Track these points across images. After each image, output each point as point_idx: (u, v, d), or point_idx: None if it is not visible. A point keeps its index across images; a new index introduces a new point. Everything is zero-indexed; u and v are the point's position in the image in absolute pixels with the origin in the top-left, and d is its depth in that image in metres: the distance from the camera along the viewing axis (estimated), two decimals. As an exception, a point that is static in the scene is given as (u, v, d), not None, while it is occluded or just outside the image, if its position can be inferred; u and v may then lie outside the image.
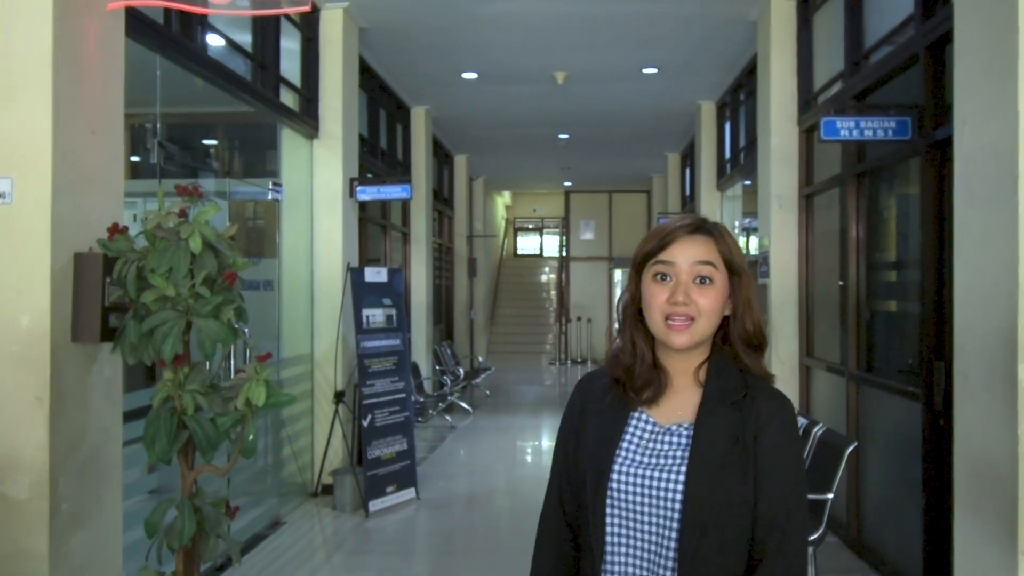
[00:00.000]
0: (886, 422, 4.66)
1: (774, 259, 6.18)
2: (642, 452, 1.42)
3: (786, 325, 6.14)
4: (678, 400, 1.44)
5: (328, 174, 6.41)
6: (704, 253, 1.40)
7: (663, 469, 1.38)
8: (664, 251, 1.41)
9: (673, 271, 1.40)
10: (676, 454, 1.39)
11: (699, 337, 1.40)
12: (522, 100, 9.42)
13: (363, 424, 5.89)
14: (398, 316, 6.31)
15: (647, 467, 1.40)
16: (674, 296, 1.39)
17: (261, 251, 5.51)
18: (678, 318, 1.39)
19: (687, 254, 1.40)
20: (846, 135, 4.02)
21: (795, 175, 6.16)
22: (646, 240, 1.45)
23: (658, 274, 1.41)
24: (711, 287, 1.40)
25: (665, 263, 1.40)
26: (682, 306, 1.38)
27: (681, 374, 1.45)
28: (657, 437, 1.43)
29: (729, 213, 9.50)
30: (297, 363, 6.28)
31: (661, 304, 1.40)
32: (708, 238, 1.42)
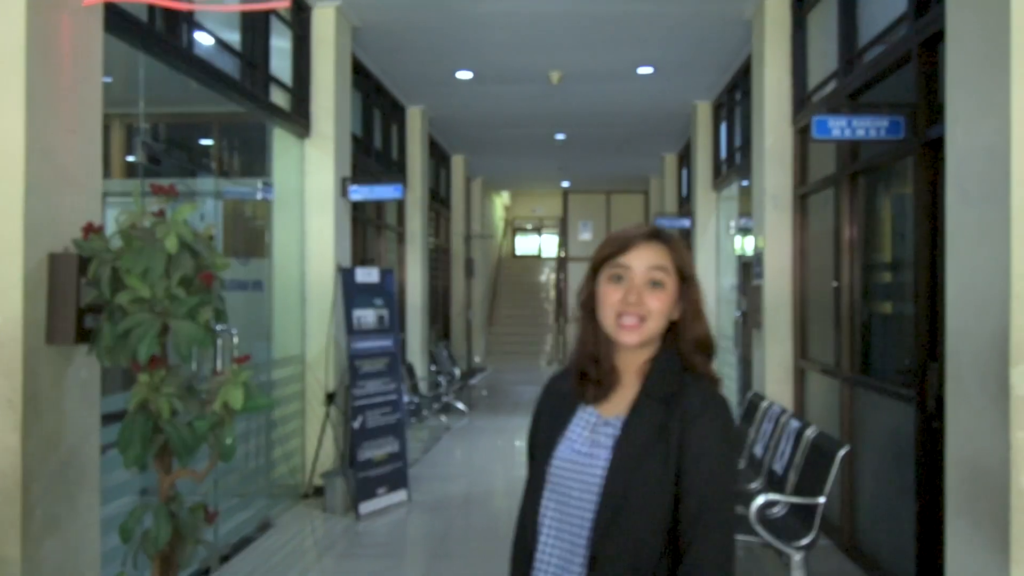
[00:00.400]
0: (880, 425, 4.61)
1: (768, 260, 6.12)
2: (581, 442, 1.52)
3: (780, 327, 6.09)
4: (621, 395, 1.53)
5: (320, 174, 6.36)
6: (658, 259, 1.50)
7: (593, 456, 1.48)
8: (622, 255, 1.50)
9: (628, 274, 1.50)
10: (605, 444, 1.48)
11: (647, 336, 1.49)
12: (517, 100, 9.37)
13: (354, 426, 5.83)
14: (390, 317, 6.26)
15: (582, 454, 1.50)
16: (627, 296, 1.48)
17: (251, 251, 5.46)
18: (629, 317, 1.48)
19: (643, 259, 1.50)
20: (838, 134, 3.97)
21: (789, 175, 6.11)
22: (605, 244, 1.54)
23: (614, 275, 1.51)
24: (662, 291, 1.49)
25: (622, 266, 1.50)
26: (634, 306, 1.48)
27: (628, 372, 1.54)
28: (596, 428, 1.52)
29: (725, 213, 9.45)
30: (288, 364, 6.22)
31: (614, 303, 1.49)
32: (663, 246, 1.52)
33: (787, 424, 4.91)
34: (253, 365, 5.56)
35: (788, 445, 4.73)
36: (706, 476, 1.42)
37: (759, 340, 6.32)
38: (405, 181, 9.73)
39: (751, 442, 5.62)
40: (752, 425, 5.70)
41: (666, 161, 12.99)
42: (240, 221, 5.34)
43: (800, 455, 4.46)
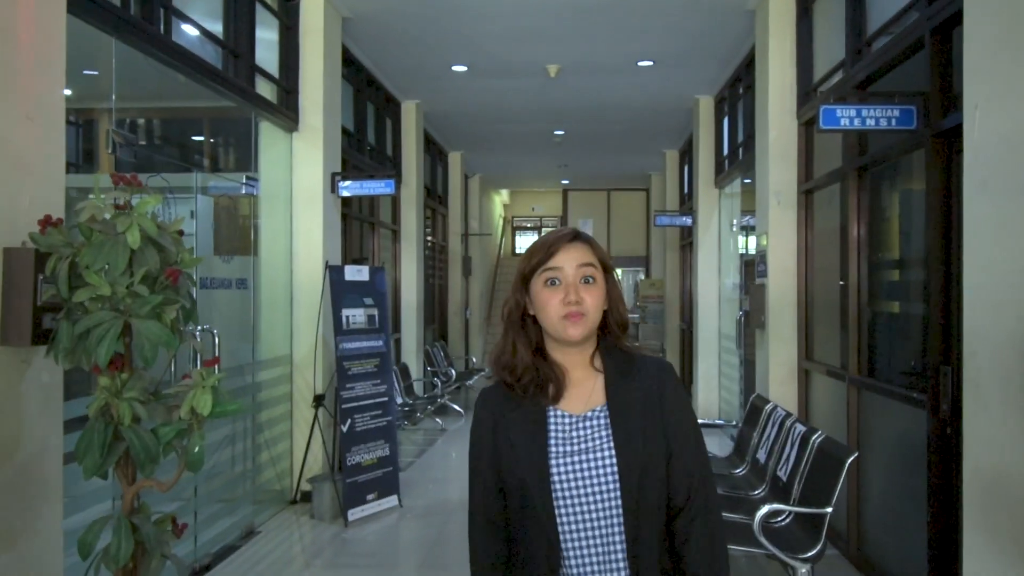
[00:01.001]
0: (889, 430, 4.41)
1: (772, 258, 5.92)
2: (569, 443, 1.57)
3: (784, 327, 5.89)
4: (582, 389, 1.62)
5: (308, 168, 6.17)
6: (585, 257, 1.60)
7: (592, 451, 1.55)
8: (552, 259, 1.58)
9: (561, 275, 1.58)
10: (600, 436, 1.56)
11: (591, 328, 1.59)
12: (515, 94, 9.18)
13: (342, 429, 5.64)
14: (381, 316, 6.06)
15: (578, 455, 1.56)
16: (567, 297, 1.56)
17: (236, 249, 5.27)
18: (573, 316, 1.57)
19: (572, 259, 1.58)
20: (846, 124, 3.77)
21: (794, 170, 5.91)
22: (532, 253, 1.62)
23: (548, 279, 1.58)
24: (595, 285, 1.59)
25: (554, 269, 1.58)
26: (574, 305, 1.56)
27: (577, 366, 1.63)
28: (576, 426, 1.59)
29: (727, 211, 9.25)
30: (275, 365, 6.03)
31: (556, 305, 1.57)
32: (585, 244, 1.61)
33: (792, 428, 4.71)
34: (238, 366, 5.41)
35: (793, 451, 4.53)
36: (690, 437, 1.60)
37: (762, 341, 6.12)
38: (400, 177, 9.54)
39: (754, 446, 5.42)
40: (755, 429, 5.50)
41: (667, 158, 12.79)
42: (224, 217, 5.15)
43: (806, 462, 4.26)
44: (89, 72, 4.17)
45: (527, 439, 1.58)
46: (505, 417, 1.62)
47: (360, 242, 8.53)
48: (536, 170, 16.00)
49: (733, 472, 5.44)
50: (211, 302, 4.94)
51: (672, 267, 12.98)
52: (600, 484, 1.53)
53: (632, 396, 1.58)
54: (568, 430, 1.59)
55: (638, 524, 1.52)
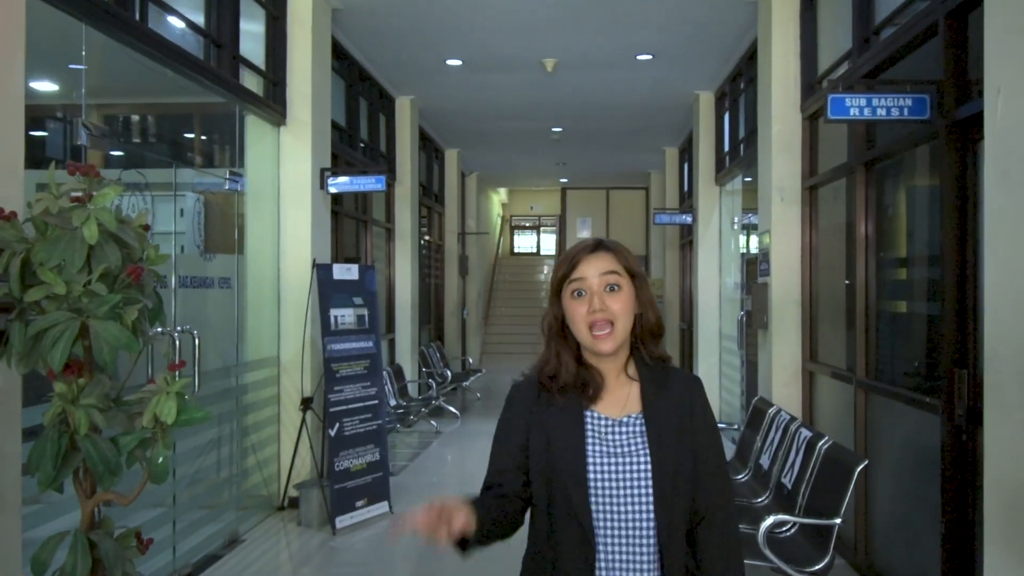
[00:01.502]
0: (899, 435, 4.21)
1: (775, 256, 5.73)
2: (605, 445, 1.63)
3: (787, 327, 5.70)
4: (617, 395, 1.68)
5: (296, 164, 5.97)
6: (608, 265, 1.63)
7: (629, 455, 1.61)
8: (575, 270, 1.63)
9: (586, 285, 1.62)
10: (636, 441, 1.63)
11: (620, 339, 1.63)
12: (511, 89, 8.98)
13: (330, 433, 5.44)
14: (371, 316, 5.87)
15: (615, 456, 1.62)
16: (592, 305, 1.60)
17: (218, 246, 5.07)
18: (600, 325, 1.61)
19: (594, 268, 1.62)
20: (856, 114, 3.58)
21: (797, 165, 5.72)
22: (558, 266, 1.67)
23: (575, 291, 1.63)
24: (620, 292, 1.62)
25: (578, 280, 1.62)
26: (600, 312, 1.60)
27: (612, 373, 1.69)
28: (613, 430, 1.65)
29: (728, 208, 9.06)
30: (262, 367, 5.84)
31: (583, 316, 1.61)
32: (608, 253, 1.65)
33: (797, 433, 4.52)
34: (222, 368, 5.22)
35: (798, 457, 4.34)
36: (713, 441, 1.68)
37: (765, 341, 5.93)
38: (394, 175, 9.35)
39: (756, 451, 5.23)
40: (757, 433, 5.31)
41: (667, 155, 12.61)
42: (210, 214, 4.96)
43: (812, 469, 4.07)
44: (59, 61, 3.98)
45: (565, 437, 1.64)
46: (541, 414, 1.68)
47: (356, 240, 8.34)
48: (534, 168, 15.81)
49: (735, 478, 5.24)
50: (192, 302, 4.75)
51: (672, 266, 12.80)
52: (634, 485, 1.60)
53: (666, 406, 1.65)
54: (604, 433, 1.65)
55: (669, 525, 1.59)
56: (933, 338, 3.80)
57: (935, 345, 3.73)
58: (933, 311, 3.80)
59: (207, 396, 4.88)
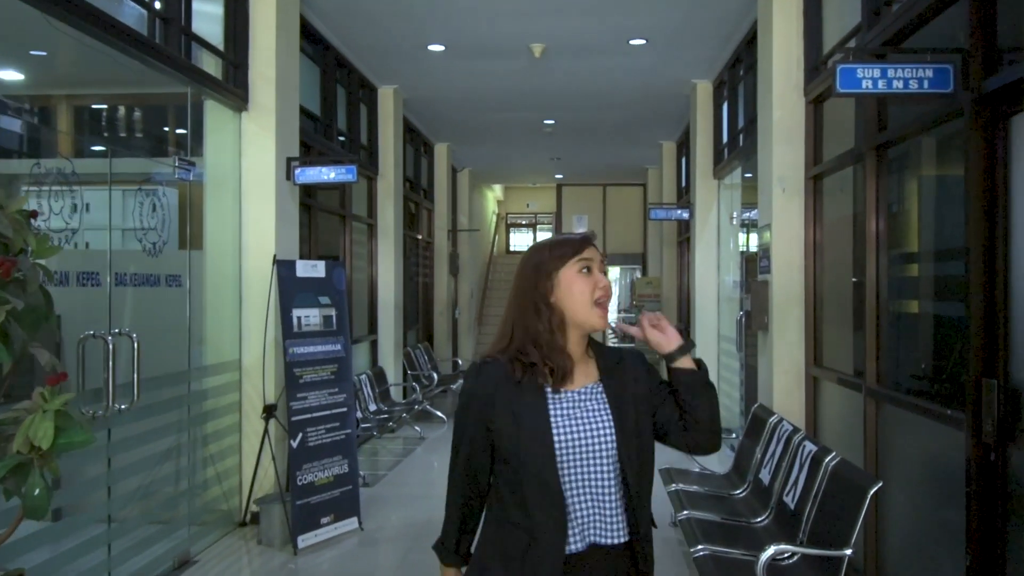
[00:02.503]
0: (917, 452, 3.77)
1: (776, 252, 5.29)
2: (568, 413, 1.77)
3: (789, 329, 5.26)
4: (579, 371, 1.82)
5: (259, 152, 5.53)
6: (600, 254, 1.84)
7: (591, 420, 1.77)
8: (583, 252, 1.80)
9: (592, 264, 1.81)
10: (597, 406, 1.79)
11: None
12: (498, 78, 8.54)
13: (292, 444, 5.01)
14: (339, 317, 5.43)
15: (578, 422, 1.76)
16: (600, 282, 1.80)
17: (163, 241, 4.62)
18: (603, 301, 1.81)
19: (596, 254, 1.82)
20: (868, 87, 3.14)
21: (800, 153, 5.28)
22: (558, 245, 1.82)
23: (583, 268, 1.79)
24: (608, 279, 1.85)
25: (587, 259, 1.80)
26: (604, 290, 1.80)
27: (577, 353, 1.83)
28: (575, 399, 1.79)
29: (726, 203, 8.61)
30: (223, 371, 5.41)
31: (589, 292, 1.78)
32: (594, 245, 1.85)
33: (801, 447, 4.08)
34: (171, 375, 4.78)
35: (802, 474, 3.90)
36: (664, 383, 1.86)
37: (765, 344, 5.49)
38: (376, 168, 8.92)
39: (756, 464, 4.79)
40: (757, 444, 4.87)
41: (664, 150, 12.19)
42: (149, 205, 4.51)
43: (818, 488, 3.63)
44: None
45: (530, 410, 1.75)
46: (505, 391, 1.77)
47: (331, 237, 7.91)
48: (528, 164, 15.37)
49: (732, 494, 4.81)
50: (133, 302, 4.31)
51: (669, 264, 12.36)
52: (599, 446, 1.73)
53: (621, 375, 1.81)
54: (567, 403, 1.77)
55: (635, 482, 1.74)
56: (956, 343, 3.36)
57: (958, 351, 3.29)
58: (955, 312, 3.37)
59: (153, 405, 4.45)
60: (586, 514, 1.72)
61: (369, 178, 8.90)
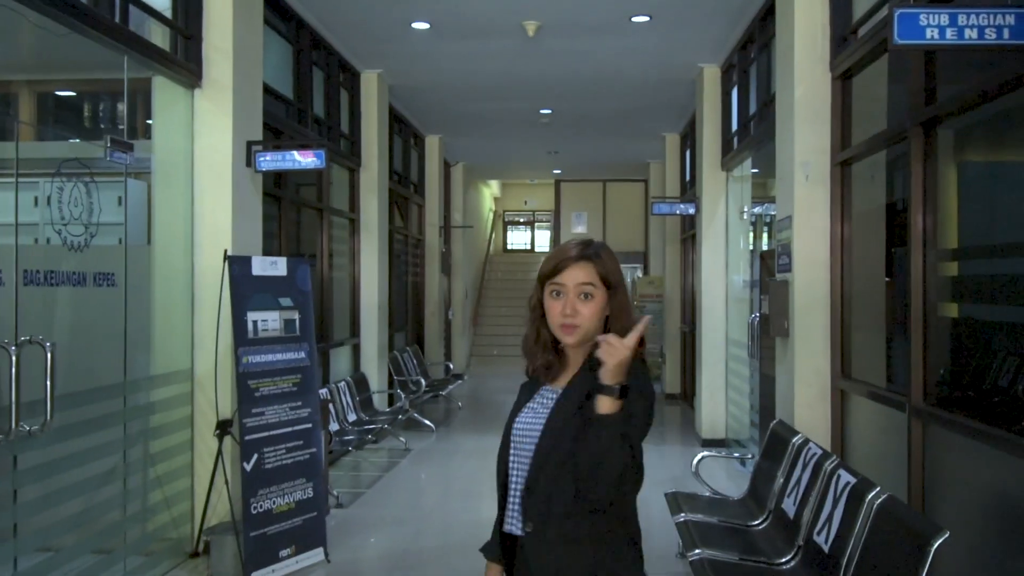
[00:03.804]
0: (979, 486, 3.14)
1: (798, 247, 4.67)
2: (534, 408, 1.91)
3: (813, 335, 4.64)
4: (570, 373, 1.90)
5: (214, 134, 4.91)
6: (586, 276, 1.83)
7: (538, 416, 1.88)
8: (558, 275, 1.85)
9: (564, 290, 1.84)
10: (550, 405, 1.88)
11: (583, 336, 1.84)
12: (489, 60, 7.91)
13: (244, 467, 4.38)
14: (303, 321, 4.80)
15: (531, 417, 1.89)
16: (564, 310, 1.84)
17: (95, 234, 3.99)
18: (567, 326, 1.84)
19: (574, 277, 1.83)
20: (934, 37, 2.51)
21: (826, 135, 4.66)
22: (547, 262, 1.90)
23: (553, 291, 1.86)
24: (591, 301, 1.83)
25: (558, 284, 1.85)
26: (569, 318, 1.83)
27: (576, 358, 1.91)
28: (547, 396, 1.91)
29: (735, 196, 7.99)
30: (172, 382, 4.80)
31: (556, 315, 1.85)
32: (590, 263, 1.84)
33: (835, 477, 3.45)
34: (100, 388, 4.16)
35: (838, 510, 3.28)
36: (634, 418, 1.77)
37: (785, 352, 4.87)
38: (359, 158, 8.29)
39: (778, 492, 4.17)
40: (779, 467, 4.25)
41: (667, 143, 11.55)
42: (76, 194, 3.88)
43: (861, 531, 3.01)
44: None
45: (518, 400, 1.96)
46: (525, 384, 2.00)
47: (306, 232, 7.29)
48: (525, 158, 14.74)
49: (750, 525, 4.19)
50: (52, 304, 3.69)
51: (672, 263, 11.74)
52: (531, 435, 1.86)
53: (586, 381, 1.80)
54: (540, 398, 1.91)
55: (538, 478, 1.81)
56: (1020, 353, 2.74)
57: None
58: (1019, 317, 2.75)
59: (76, 425, 3.82)
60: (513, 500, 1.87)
61: (351, 169, 8.28)
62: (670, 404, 11.42)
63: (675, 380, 11.70)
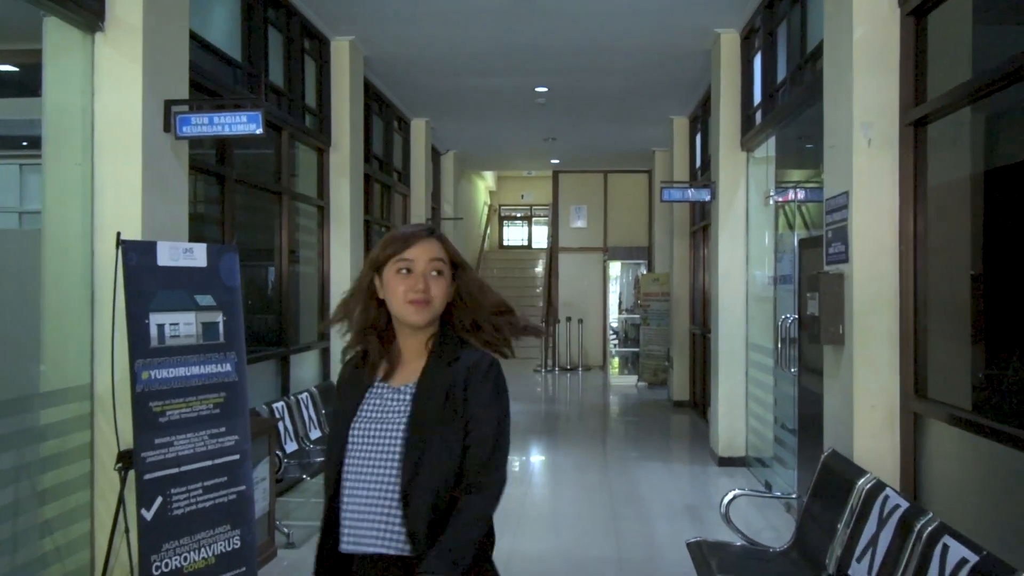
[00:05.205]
0: None
1: (857, 232, 3.68)
2: (375, 412, 1.78)
3: (876, 343, 3.65)
4: (409, 368, 1.81)
5: (119, 90, 3.91)
6: (436, 252, 1.80)
7: (388, 423, 1.75)
8: (407, 251, 1.78)
9: (413, 266, 1.78)
10: (400, 409, 1.76)
11: (432, 315, 1.78)
12: (476, 24, 6.91)
13: (144, 516, 3.39)
14: (229, 325, 3.80)
15: (376, 422, 1.76)
16: (415, 285, 1.76)
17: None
18: (417, 303, 1.76)
19: (424, 252, 1.78)
20: None
21: (893, 89, 3.66)
22: (387, 243, 1.81)
23: (401, 269, 1.78)
24: (441, 278, 1.79)
25: (407, 260, 1.78)
26: (420, 292, 1.76)
27: (413, 349, 1.82)
28: (386, 397, 1.79)
29: (757, 180, 7.00)
30: (68, 400, 3.81)
31: (404, 292, 1.77)
32: (437, 241, 1.81)
33: (939, 546, 2.46)
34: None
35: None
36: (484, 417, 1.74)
37: (838, 364, 3.87)
38: (328, 137, 7.29)
39: (839, 546, 3.17)
40: (838, 514, 3.26)
41: (675, 126, 10.56)
42: None
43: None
44: None
45: (346, 403, 1.80)
46: (345, 383, 1.85)
47: (263, 219, 6.30)
48: (520, 146, 13.72)
49: (803, 594, 3.19)
50: None
51: (680, 258, 10.75)
52: (385, 448, 1.72)
53: (442, 380, 1.74)
54: (378, 401, 1.78)
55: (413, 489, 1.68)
56: None
57: None
58: None
59: None
60: (359, 513, 1.72)
61: (319, 150, 7.28)
62: (678, 413, 10.42)
63: (683, 386, 10.70)
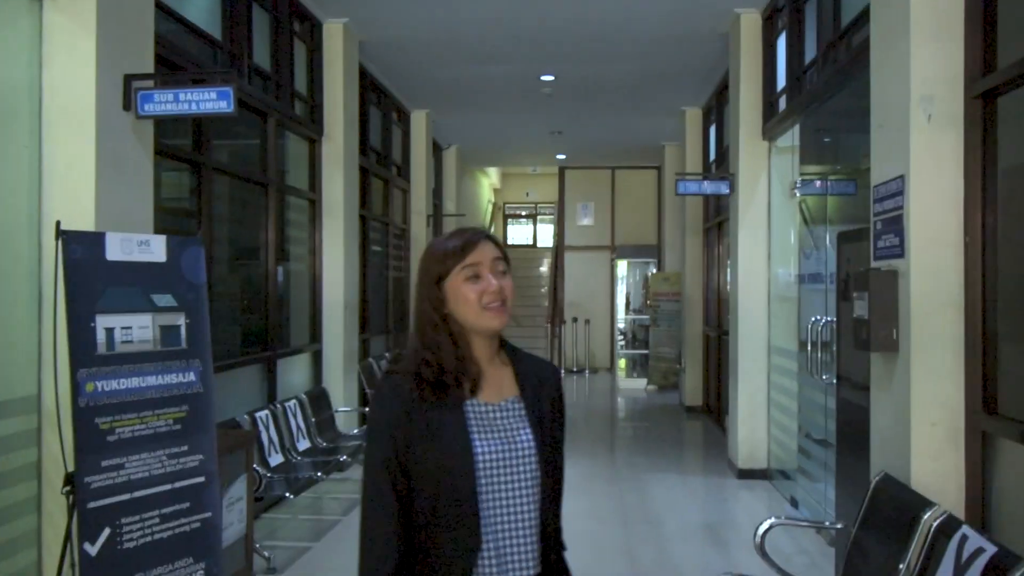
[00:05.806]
0: None
1: (915, 222, 3.20)
2: (491, 426, 1.64)
3: (937, 350, 3.16)
4: (494, 381, 1.69)
5: (71, 63, 3.45)
6: (496, 251, 1.69)
7: (513, 431, 1.64)
8: (469, 256, 1.65)
9: (480, 270, 1.65)
10: (518, 424, 1.66)
11: (509, 318, 1.68)
12: (476, 1, 6.44)
13: (88, 551, 2.92)
14: (192, 328, 3.33)
15: (500, 432, 1.64)
16: (489, 288, 1.64)
17: None
18: (491, 304, 1.64)
19: (487, 253, 1.66)
20: None
21: (958, 56, 3.18)
22: (444, 256, 1.65)
23: (470, 276, 1.64)
24: (508, 276, 1.69)
25: (473, 265, 1.65)
26: (496, 294, 1.65)
27: (485, 358, 1.70)
28: (495, 413, 1.66)
29: (780, 172, 6.51)
30: (12, 413, 3.38)
31: (478, 298, 1.63)
32: (492, 241, 1.70)
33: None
34: None
35: None
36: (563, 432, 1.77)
37: (891, 373, 3.39)
38: (320, 127, 6.83)
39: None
40: (898, 551, 2.77)
41: (688, 118, 10.09)
42: None
43: None
44: None
45: (450, 422, 1.61)
46: (420, 406, 1.62)
47: (247, 213, 5.84)
48: (525, 140, 13.23)
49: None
50: None
51: (693, 257, 10.27)
52: (520, 466, 1.62)
53: (538, 388, 1.71)
54: (487, 416, 1.65)
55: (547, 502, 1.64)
56: None
57: None
58: None
59: None
60: (502, 541, 1.59)
61: (311, 140, 6.82)
62: (691, 419, 9.94)
63: (696, 391, 10.22)
